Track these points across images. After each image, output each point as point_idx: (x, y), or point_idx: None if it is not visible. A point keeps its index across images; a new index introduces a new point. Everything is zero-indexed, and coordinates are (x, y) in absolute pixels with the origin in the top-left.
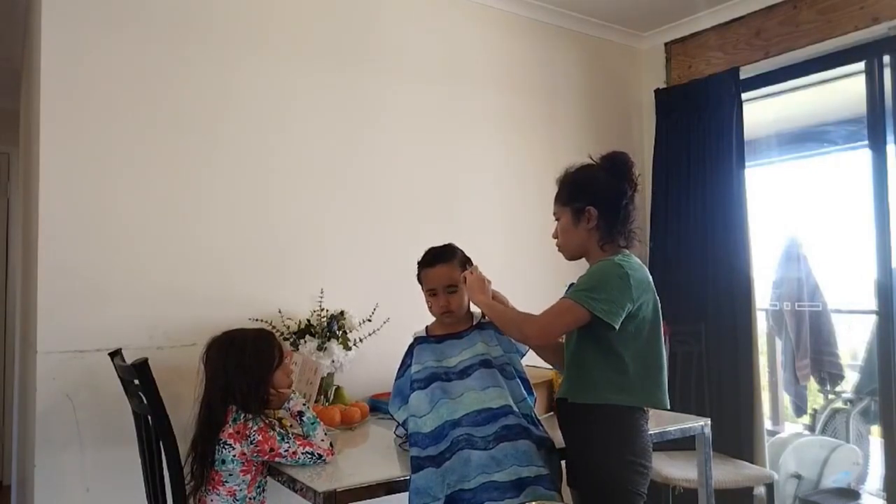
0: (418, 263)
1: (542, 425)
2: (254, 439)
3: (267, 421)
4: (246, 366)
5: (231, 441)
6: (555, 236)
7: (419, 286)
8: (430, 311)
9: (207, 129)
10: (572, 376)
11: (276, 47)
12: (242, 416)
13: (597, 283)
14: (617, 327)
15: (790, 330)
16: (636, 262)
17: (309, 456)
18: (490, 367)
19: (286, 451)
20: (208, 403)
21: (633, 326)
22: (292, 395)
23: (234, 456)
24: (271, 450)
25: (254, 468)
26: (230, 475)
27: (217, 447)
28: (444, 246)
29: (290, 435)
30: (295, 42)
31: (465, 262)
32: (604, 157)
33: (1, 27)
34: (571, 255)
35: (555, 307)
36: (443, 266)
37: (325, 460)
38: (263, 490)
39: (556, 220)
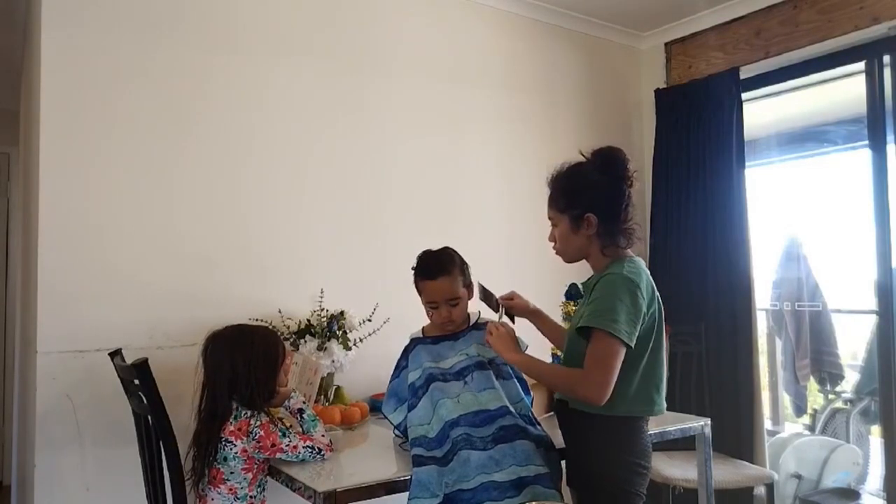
0: (416, 272)
1: (540, 425)
2: (256, 434)
3: (270, 417)
4: (254, 360)
5: (232, 438)
6: (551, 240)
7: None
8: (431, 321)
9: (208, 129)
10: None
11: (276, 47)
12: (244, 412)
13: (616, 306)
14: (633, 346)
15: (790, 330)
16: (641, 267)
17: (309, 450)
18: (485, 370)
19: (287, 445)
20: (213, 395)
21: (642, 338)
22: (293, 393)
23: (236, 453)
24: (273, 445)
25: (255, 466)
26: (231, 473)
27: (219, 445)
28: (442, 253)
29: (291, 431)
30: (295, 41)
31: (464, 267)
32: (596, 155)
33: (1, 27)
34: (571, 260)
35: (597, 356)
36: (445, 279)
37: (324, 455)
38: (264, 489)
39: (553, 225)
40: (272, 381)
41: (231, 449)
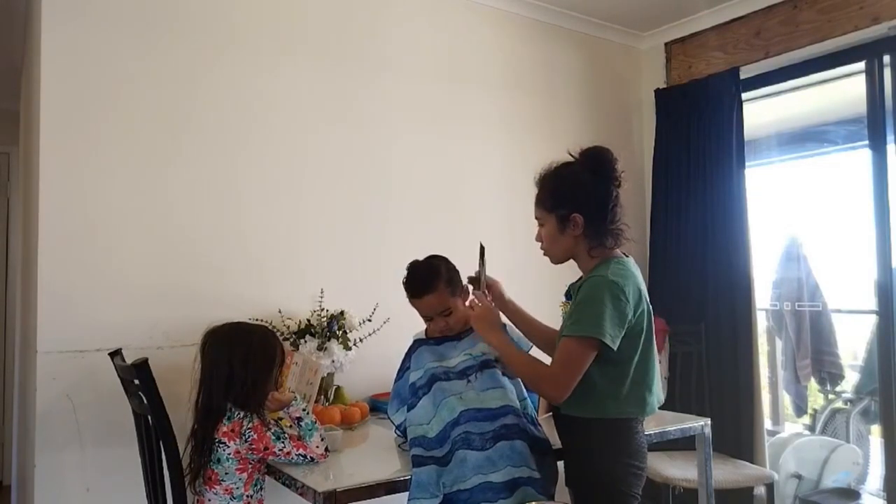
0: (405, 287)
1: (541, 427)
2: (248, 437)
3: (262, 419)
4: (251, 361)
5: (225, 439)
6: (538, 240)
7: None
8: (429, 330)
9: (208, 129)
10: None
11: (275, 47)
12: (237, 413)
13: (598, 309)
14: (616, 348)
15: (790, 330)
16: (628, 268)
17: (302, 457)
18: (491, 368)
19: (280, 450)
20: (209, 393)
21: (631, 340)
22: (293, 402)
23: (230, 454)
24: (266, 447)
25: (250, 466)
26: (226, 473)
27: (213, 445)
28: (425, 268)
29: (286, 435)
30: (294, 42)
31: (452, 274)
32: (584, 155)
33: (1, 27)
34: (558, 261)
35: (564, 356)
36: (431, 296)
37: (317, 462)
38: (262, 488)
39: (540, 225)
40: (268, 382)
41: (224, 450)
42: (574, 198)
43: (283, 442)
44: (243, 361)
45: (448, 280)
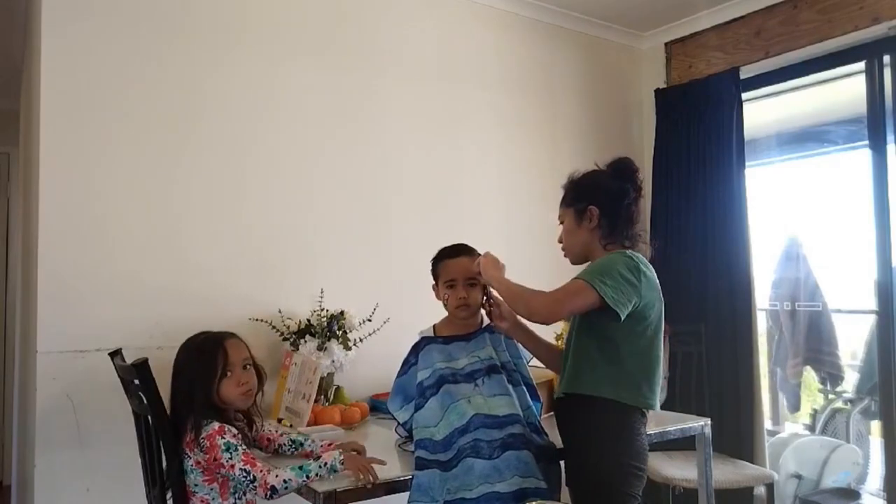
0: (437, 255)
1: (546, 434)
2: (203, 445)
3: (218, 428)
4: (189, 371)
5: (187, 450)
6: (560, 241)
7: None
8: (446, 306)
9: (209, 130)
10: (568, 366)
11: (278, 50)
12: (205, 423)
13: (607, 269)
14: (623, 317)
15: (784, 329)
16: (645, 259)
17: (244, 474)
18: (497, 374)
19: (227, 461)
20: (172, 405)
21: (636, 324)
22: (266, 423)
23: (192, 465)
24: (216, 459)
25: (219, 476)
26: (195, 485)
27: (182, 458)
28: (462, 244)
29: (239, 448)
30: (297, 44)
31: None
32: (608, 164)
33: (1, 27)
34: (576, 258)
35: (567, 286)
36: (465, 258)
37: (256, 486)
38: (245, 493)
39: (560, 223)
40: (207, 388)
41: (188, 461)
42: (591, 192)
43: (230, 453)
44: (187, 376)
45: None
